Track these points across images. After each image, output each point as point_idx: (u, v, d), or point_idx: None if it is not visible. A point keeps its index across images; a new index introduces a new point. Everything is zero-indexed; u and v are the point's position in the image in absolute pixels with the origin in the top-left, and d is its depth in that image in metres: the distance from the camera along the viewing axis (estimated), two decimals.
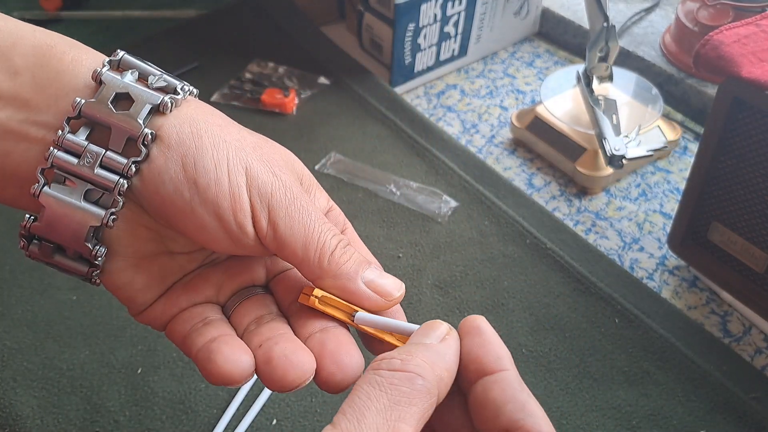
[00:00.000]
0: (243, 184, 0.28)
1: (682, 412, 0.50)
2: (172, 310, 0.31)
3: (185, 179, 0.28)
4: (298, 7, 0.87)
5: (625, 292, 0.57)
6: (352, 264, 0.30)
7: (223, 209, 0.28)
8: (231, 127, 0.30)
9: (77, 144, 0.28)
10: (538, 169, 0.72)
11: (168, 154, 0.28)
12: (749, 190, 0.53)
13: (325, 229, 0.29)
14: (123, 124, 0.28)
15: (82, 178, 0.28)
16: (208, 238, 0.29)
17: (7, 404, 0.50)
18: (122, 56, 0.29)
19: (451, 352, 0.27)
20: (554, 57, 0.86)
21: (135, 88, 0.28)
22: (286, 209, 0.29)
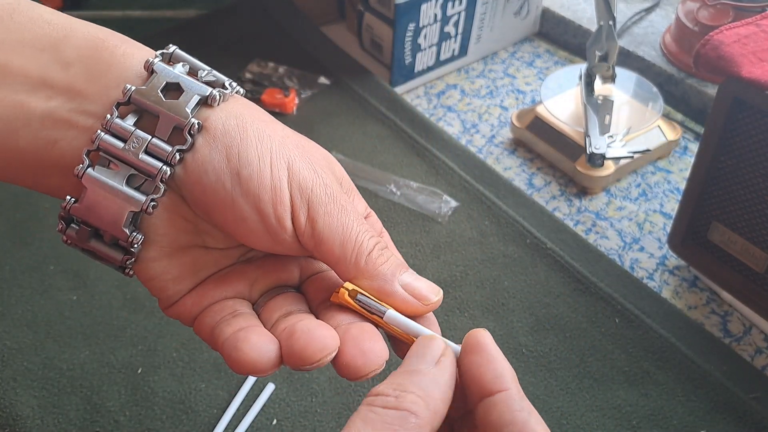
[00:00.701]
0: (284, 178, 0.28)
1: (682, 412, 0.50)
2: (202, 304, 0.31)
3: (228, 170, 0.28)
4: (298, 7, 0.87)
5: (625, 292, 0.57)
6: (390, 266, 0.29)
7: (263, 201, 0.28)
8: (275, 124, 0.30)
9: (124, 129, 0.28)
10: (538, 169, 0.72)
11: (213, 144, 0.28)
12: (749, 190, 0.53)
13: (363, 229, 0.29)
14: (171, 113, 0.28)
15: (126, 162, 0.28)
16: (246, 232, 0.29)
17: (7, 404, 0.50)
18: (174, 50, 0.30)
19: (446, 377, 0.27)
20: (554, 57, 0.86)
21: (185, 79, 0.29)
22: (326, 206, 0.29)
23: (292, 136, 0.31)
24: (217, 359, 0.53)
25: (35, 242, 0.61)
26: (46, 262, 0.60)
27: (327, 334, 0.28)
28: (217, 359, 0.53)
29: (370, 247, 0.29)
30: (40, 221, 0.63)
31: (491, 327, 0.56)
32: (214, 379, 0.52)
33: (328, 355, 0.27)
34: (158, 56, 0.29)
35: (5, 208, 0.64)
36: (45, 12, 0.29)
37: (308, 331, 0.27)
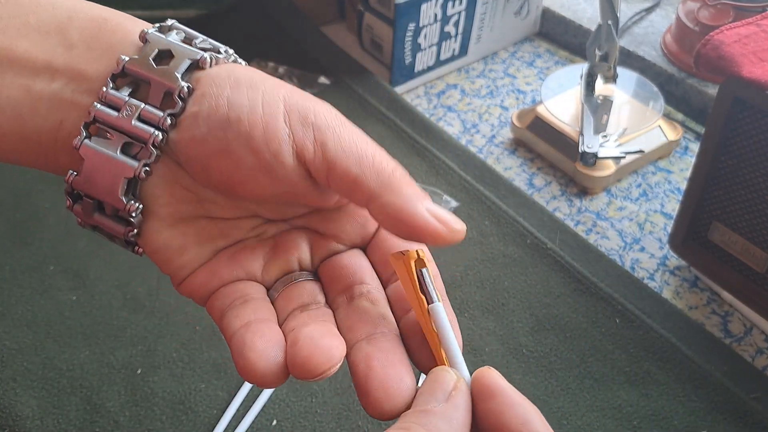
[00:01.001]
0: (280, 114, 0.27)
1: (682, 412, 0.50)
2: (213, 283, 0.30)
3: (218, 117, 0.27)
4: (298, 7, 0.87)
5: (625, 293, 0.57)
6: (415, 188, 0.27)
7: (255, 139, 0.27)
8: (273, 78, 0.29)
9: (119, 98, 0.28)
10: (538, 169, 0.72)
11: (203, 100, 0.28)
12: (750, 190, 0.53)
13: (382, 152, 0.28)
14: (161, 79, 0.28)
15: (120, 130, 0.28)
16: (245, 178, 0.28)
17: (7, 404, 0.50)
18: (172, 22, 0.30)
19: (460, 414, 0.24)
20: (555, 57, 0.86)
21: (177, 45, 0.29)
22: (335, 128, 0.27)
23: (290, 85, 0.29)
24: (217, 359, 0.53)
25: (35, 242, 0.61)
26: (46, 262, 0.60)
27: (332, 345, 0.26)
28: (216, 359, 0.53)
29: (392, 166, 0.27)
30: (40, 221, 0.63)
31: (491, 327, 0.56)
32: (213, 379, 0.52)
33: (333, 365, 0.25)
34: (155, 27, 0.29)
35: (5, 207, 0.64)
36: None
37: (311, 340, 0.26)
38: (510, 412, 0.24)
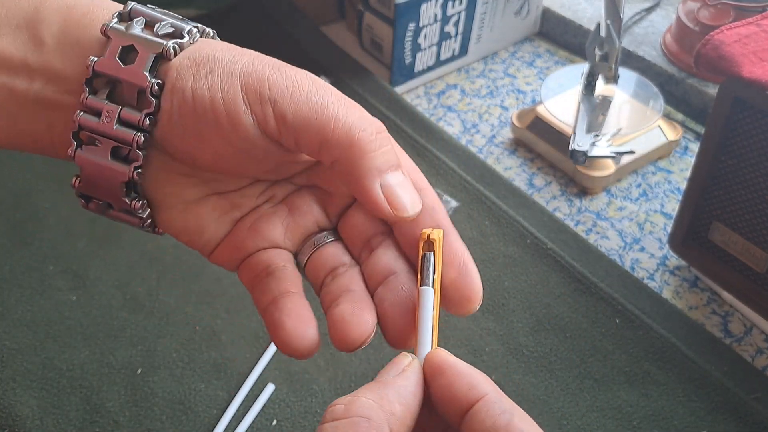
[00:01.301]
0: (238, 96, 0.27)
1: (683, 412, 0.50)
2: (239, 254, 0.31)
3: (187, 111, 0.28)
4: (298, 7, 0.87)
5: (625, 293, 0.57)
6: (379, 157, 0.27)
7: (224, 128, 0.27)
8: (231, 51, 0.29)
9: (98, 102, 0.28)
10: (538, 169, 0.72)
11: (172, 96, 0.28)
12: (750, 190, 0.53)
13: (346, 109, 0.27)
14: (131, 78, 0.28)
15: (106, 135, 0.28)
16: (230, 162, 0.29)
17: (6, 405, 0.50)
18: (132, 6, 0.29)
19: (407, 384, 0.26)
20: (555, 57, 0.86)
21: (139, 38, 0.28)
22: (291, 97, 0.27)
23: (248, 53, 0.29)
24: (217, 359, 0.53)
25: (35, 242, 0.61)
26: (46, 262, 0.60)
27: (363, 321, 0.28)
28: (216, 359, 0.53)
29: (355, 130, 0.27)
30: (39, 221, 0.63)
31: (491, 327, 0.56)
32: (213, 379, 0.52)
33: (368, 337, 0.28)
34: (115, 17, 0.28)
35: (5, 208, 0.64)
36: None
37: (343, 321, 0.28)
38: (457, 382, 0.25)
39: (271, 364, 0.53)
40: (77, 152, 0.29)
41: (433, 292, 0.28)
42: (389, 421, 0.24)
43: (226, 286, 0.58)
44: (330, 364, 0.53)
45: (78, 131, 0.29)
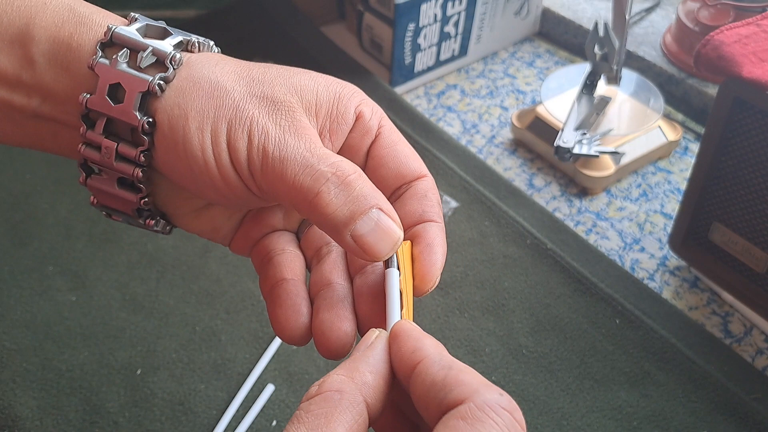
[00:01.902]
0: (222, 149, 0.28)
1: (683, 412, 0.50)
2: (248, 243, 0.33)
3: (177, 155, 0.29)
4: (298, 7, 0.87)
5: (625, 293, 0.57)
6: (342, 211, 0.27)
7: (213, 177, 0.29)
8: (221, 87, 0.29)
9: (97, 137, 0.29)
10: (538, 169, 0.72)
11: (163, 137, 0.29)
12: (750, 190, 0.53)
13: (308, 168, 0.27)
14: (122, 117, 0.28)
15: (109, 168, 0.30)
16: (223, 199, 0.30)
17: (6, 405, 0.50)
18: (111, 36, 0.29)
19: (375, 353, 0.26)
20: (555, 57, 0.86)
21: (125, 76, 0.28)
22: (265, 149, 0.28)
23: (244, 82, 0.29)
24: (217, 360, 0.53)
25: (34, 243, 0.61)
26: (45, 262, 0.60)
27: (342, 332, 0.29)
28: (216, 360, 0.53)
29: (315, 191, 0.27)
30: (39, 222, 0.63)
31: (491, 327, 0.56)
32: (213, 380, 0.52)
33: (347, 348, 0.29)
34: (99, 50, 0.29)
35: (4, 208, 0.64)
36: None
37: (323, 335, 0.29)
38: (405, 346, 0.26)
39: (270, 365, 0.53)
40: (88, 181, 0.31)
41: (398, 273, 0.29)
42: (362, 391, 0.25)
43: (226, 286, 0.58)
44: (330, 364, 0.53)
45: (84, 162, 0.30)
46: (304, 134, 0.28)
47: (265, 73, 0.30)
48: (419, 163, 0.32)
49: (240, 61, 0.31)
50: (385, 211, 0.28)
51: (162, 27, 0.30)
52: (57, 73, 0.29)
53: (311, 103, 0.29)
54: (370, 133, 0.31)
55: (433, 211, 0.31)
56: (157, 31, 0.30)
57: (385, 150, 0.31)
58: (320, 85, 0.30)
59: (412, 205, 0.31)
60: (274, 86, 0.29)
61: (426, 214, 0.30)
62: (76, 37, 0.29)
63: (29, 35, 0.28)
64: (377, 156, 0.31)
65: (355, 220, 0.27)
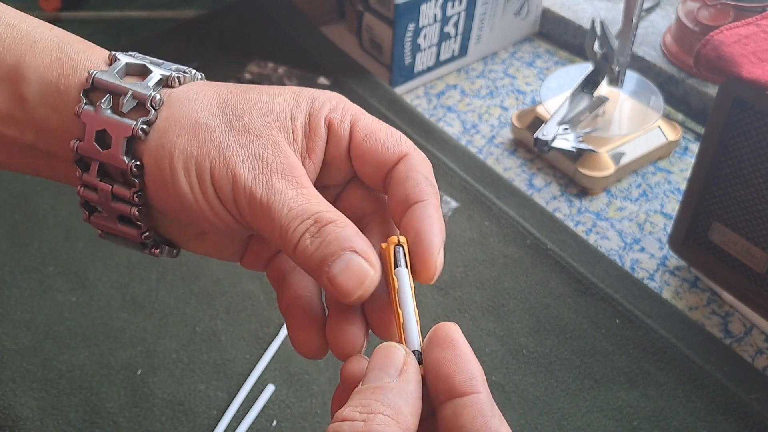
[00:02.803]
0: (209, 191, 0.29)
1: (683, 412, 0.50)
2: (260, 260, 0.34)
3: (173, 201, 0.30)
4: (298, 7, 0.87)
5: (625, 293, 0.57)
6: (317, 255, 0.28)
7: (206, 216, 0.30)
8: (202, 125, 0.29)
9: (92, 180, 0.30)
10: (538, 169, 0.72)
11: (155, 181, 0.30)
12: (750, 190, 0.53)
13: (288, 216, 0.28)
14: (111, 161, 0.30)
15: (106, 209, 0.31)
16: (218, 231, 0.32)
17: (6, 405, 0.50)
18: (93, 82, 0.30)
19: (411, 388, 0.25)
20: (554, 57, 0.86)
21: (110, 122, 0.29)
22: (247, 190, 0.29)
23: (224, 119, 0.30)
24: (217, 360, 0.53)
25: (34, 243, 0.61)
26: (45, 263, 0.60)
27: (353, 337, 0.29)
28: (216, 360, 0.53)
29: (295, 240, 0.28)
30: (39, 222, 0.63)
31: (491, 327, 0.56)
32: (213, 380, 0.52)
33: (360, 351, 0.29)
34: (83, 97, 0.29)
35: (4, 209, 0.64)
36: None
37: (336, 341, 0.30)
38: (458, 364, 0.26)
39: (271, 365, 0.53)
40: (91, 218, 0.32)
41: (408, 272, 0.28)
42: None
43: (226, 287, 0.58)
44: (330, 364, 0.53)
45: (84, 203, 0.31)
46: (290, 175, 0.29)
47: (242, 102, 0.30)
48: (397, 143, 0.31)
49: (218, 89, 0.31)
50: (358, 252, 0.28)
51: (142, 64, 0.31)
52: (48, 113, 0.30)
53: (289, 131, 0.30)
54: (344, 137, 0.31)
55: (417, 190, 0.30)
56: (137, 69, 0.31)
57: (360, 147, 0.31)
58: (293, 108, 0.30)
59: (396, 192, 0.30)
60: (253, 117, 0.30)
61: (410, 197, 0.30)
62: (63, 79, 0.30)
63: (20, 74, 0.29)
64: (356, 156, 0.31)
65: (328, 263, 0.28)
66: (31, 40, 0.30)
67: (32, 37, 0.30)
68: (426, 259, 0.29)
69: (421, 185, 0.30)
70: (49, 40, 0.30)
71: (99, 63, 0.30)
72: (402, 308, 0.28)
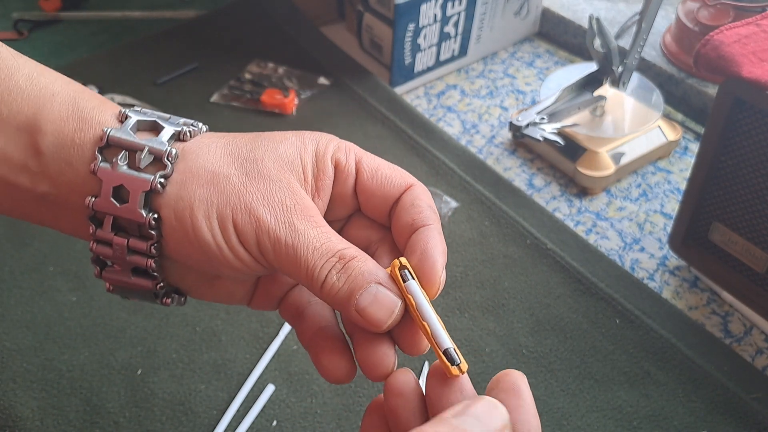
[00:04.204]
0: (234, 238, 0.30)
1: (683, 412, 0.50)
2: (272, 300, 0.35)
3: (194, 251, 0.31)
4: (298, 8, 0.87)
5: (625, 293, 0.57)
6: (344, 292, 0.30)
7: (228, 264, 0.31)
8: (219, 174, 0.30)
9: (107, 235, 0.31)
10: (538, 169, 0.72)
11: (174, 233, 0.30)
12: (750, 190, 0.53)
13: (313, 255, 0.30)
14: (129, 216, 0.30)
15: (121, 263, 0.32)
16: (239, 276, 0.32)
17: (7, 405, 0.50)
18: (107, 139, 0.30)
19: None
20: (554, 57, 0.86)
21: (128, 178, 0.30)
22: (273, 249, 0.30)
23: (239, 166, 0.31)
24: (217, 360, 0.53)
25: (35, 243, 0.61)
26: (46, 263, 0.60)
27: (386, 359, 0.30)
28: (216, 360, 0.53)
29: (322, 277, 0.30)
30: None
31: (491, 327, 0.56)
32: (213, 380, 0.52)
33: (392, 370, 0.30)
34: (98, 155, 0.30)
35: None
36: (21, 78, 0.30)
37: (369, 365, 0.31)
38: (524, 416, 0.27)
39: (271, 365, 0.53)
40: (103, 273, 0.33)
41: (418, 284, 0.30)
42: None
43: None
44: None
45: (96, 258, 0.32)
46: (309, 216, 0.30)
47: (253, 150, 0.31)
48: (402, 177, 0.33)
49: (227, 139, 0.32)
50: (383, 284, 0.30)
51: (153, 120, 0.31)
52: (62, 167, 0.30)
53: (300, 173, 0.31)
54: (351, 175, 0.33)
55: (422, 216, 0.32)
56: (148, 125, 0.31)
57: (367, 182, 0.33)
58: (301, 150, 0.32)
59: (401, 218, 0.32)
60: (266, 162, 0.31)
61: (416, 222, 0.32)
62: (78, 134, 0.30)
63: (37, 126, 0.30)
64: (363, 191, 0.33)
65: (355, 296, 0.29)
66: (49, 93, 0.31)
67: (51, 90, 0.31)
68: (431, 275, 0.30)
69: (425, 212, 0.32)
70: (66, 94, 0.31)
71: (111, 119, 0.31)
72: (426, 319, 0.29)
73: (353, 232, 0.35)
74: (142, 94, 0.76)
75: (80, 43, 0.86)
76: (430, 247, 0.31)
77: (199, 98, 0.76)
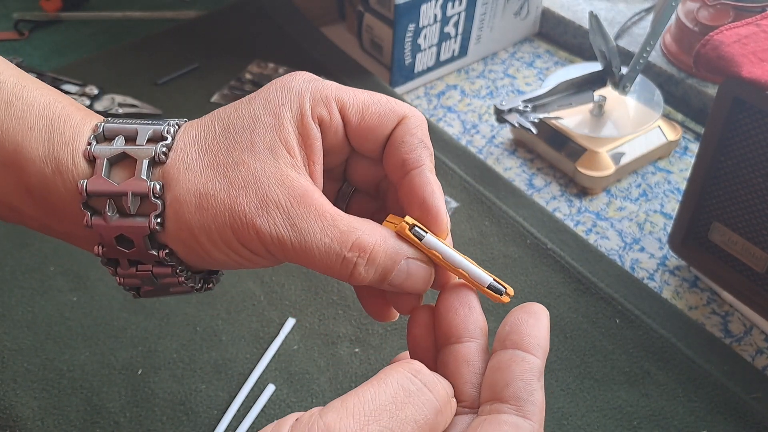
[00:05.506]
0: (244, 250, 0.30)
1: (683, 412, 0.50)
2: None
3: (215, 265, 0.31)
4: (298, 8, 0.87)
5: (625, 293, 0.57)
6: (377, 276, 0.30)
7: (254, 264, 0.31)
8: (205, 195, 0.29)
9: (130, 273, 0.31)
10: (538, 169, 0.72)
11: (190, 259, 0.31)
12: (750, 190, 0.53)
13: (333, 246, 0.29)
14: (142, 258, 0.31)
15: (152, 283, 0.32)
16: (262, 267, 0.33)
17: (7, 405, 0.50)
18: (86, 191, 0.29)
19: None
20: (554, 57, 0.86)
21: (124, 228, 0.30)
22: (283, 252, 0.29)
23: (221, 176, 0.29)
24: (217, 360, 0.53)
25: (35, 243, 0.61)
26: (46, 263, 0.60)
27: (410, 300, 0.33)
28: (217, 360, 0.53)
29: (347, 271, 0.30)
30: None
31: (491, 327, 0.55)
32: (214, 380, 0.52)
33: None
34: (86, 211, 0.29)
35: None
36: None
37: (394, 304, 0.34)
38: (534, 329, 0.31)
39: (271, 365, 0.53)
40: (140, 292, 0.33)
41: (433, 235, 0.31)
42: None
43: (227, 287, 0.58)
44: (330, 364, 0.53)
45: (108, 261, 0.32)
46: (308, 206, 0.29)
47: (229, 151, 0.30)
48: (392, 110, 0.32)
49: (200, 141, 0.30)
50: (410, 256, 0.30)
51: (121, 150, 0.30)
52: (56, 212, 0.30)
53: (284, 154, 0.30)
54: (338, 126, 0.31)
55: (413, 156, 0.31)
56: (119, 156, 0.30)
57: (357, 128, 0.31)
58: (277, 130, 0.30)
59: (392, 157, 0.31)
60: (247, 163, 0.29)
61: (407, 163, 0.31)
62: (59, 179, 0.30)
63: (19, 165, 0.29)
64: (354, 137, 0.32)
65: (388, 277, 0.30)
66: (27, 127, 0.29)
67: (28, 122, 0.29)
68: (438, 225, 0.31)
69: (416, 150, 0.31)
70: (42, 126, 0.30)
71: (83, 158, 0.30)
72: (458, 265, 0.31)
73: (357, 173, 0.34)
74: (143, 94, 0.76)
75: (81, 44, 0.86)
76: (428, 195, 0.31)
77: (200, 98, 0.76)
